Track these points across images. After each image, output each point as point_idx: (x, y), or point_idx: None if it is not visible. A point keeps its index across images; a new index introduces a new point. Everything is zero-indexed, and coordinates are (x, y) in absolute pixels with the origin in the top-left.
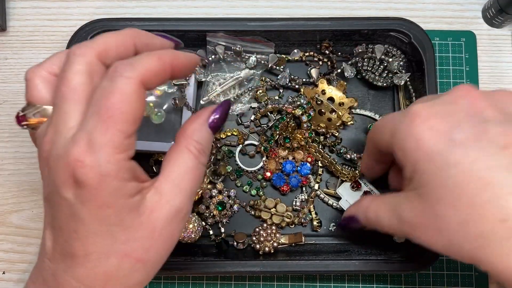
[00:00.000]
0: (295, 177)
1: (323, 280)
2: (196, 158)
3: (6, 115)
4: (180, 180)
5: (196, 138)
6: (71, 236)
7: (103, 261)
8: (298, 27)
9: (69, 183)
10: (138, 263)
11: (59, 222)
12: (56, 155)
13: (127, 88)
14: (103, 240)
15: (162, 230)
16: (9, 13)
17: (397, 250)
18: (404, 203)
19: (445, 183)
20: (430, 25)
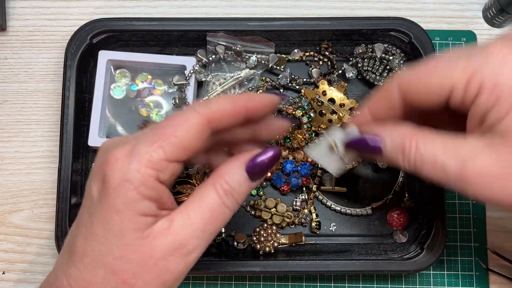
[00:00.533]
0: (295, 177)
1: (324, 280)
2: (220, 198)
3: (6, 115)
4: (195, 215)
5: (226, 178)
6: (80, 231)
7: (92, 268)
8: (298, 27)
9: (99, 177)
10: (123, 285)
11: (79, 215)
12: (106, 150)
13: (191, 118)
14: (100, 246)
15: (158, 260)
16: (9, 13)
17: (398, 250)
18: (478, 149)
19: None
20: (430, 25)
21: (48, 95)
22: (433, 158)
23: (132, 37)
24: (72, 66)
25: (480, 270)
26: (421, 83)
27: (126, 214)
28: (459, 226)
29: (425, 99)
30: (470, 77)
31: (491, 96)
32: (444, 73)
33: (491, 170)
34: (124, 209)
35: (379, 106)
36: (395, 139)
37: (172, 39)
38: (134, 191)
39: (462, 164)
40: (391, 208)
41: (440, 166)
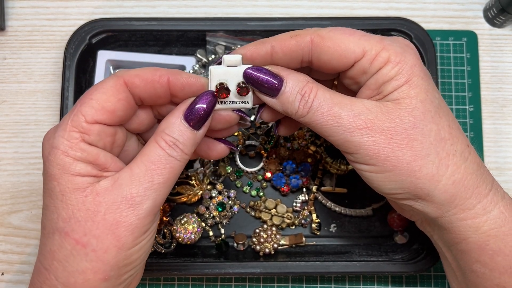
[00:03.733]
0: (295, 177)
1: (324, 281)
2: (163, 150)
3: (5, 116)
4: (139, 170)
5: (166, 131)
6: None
7: (50, 237)
8: (299, 27)
9: (43, 155)
10: (77, 245)
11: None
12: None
13: (107, 82)
14: (51, 214)
15: (105, 215)
16: (8, 13)
17: (398, 251)
18: (372, 105)
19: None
20: (431, 25)
21: (47, 96)
22: (330, 105)
23: (131, 37)
24: (71, 66)
25: None
26: (337, 44)
27: (63, 178)
28: None
29: (335, 60)
30: (381, 50)
31: (394, 69)
32: (361, 40)
33: (380, 124)
34: (59, 173)
35: (285, 51)
36: (297, 82)
37: (171, 39)
38: (63, 155)
39: (355, 116)
40: (391, 209)
41: (335, 114)
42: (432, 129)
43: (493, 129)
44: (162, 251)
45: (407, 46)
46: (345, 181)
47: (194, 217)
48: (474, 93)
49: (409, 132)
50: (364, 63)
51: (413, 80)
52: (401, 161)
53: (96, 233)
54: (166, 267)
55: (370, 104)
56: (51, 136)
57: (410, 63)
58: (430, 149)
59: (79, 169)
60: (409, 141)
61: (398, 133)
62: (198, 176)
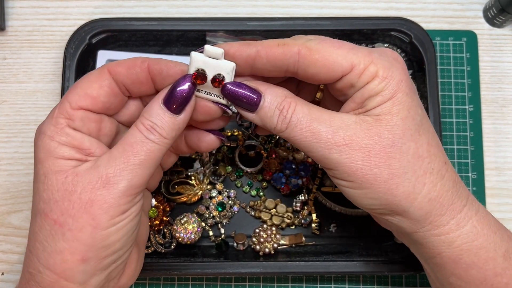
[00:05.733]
0: (295, 177)
1: (324, 281)
2: (141, 133)
3: (5, 116)
4: (117, 152)
5: (145, 115)
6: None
7: (33, 219)
8: (298, 27)
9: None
10: (55, 225)
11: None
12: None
13: (93, 71)
14: (35, 196)
15: (81, 194)
16: (8, 13)
17: (398, 251)
18: (351, 122)
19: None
20: (431, 25)
21: (47, 96)
22: (308, 121)
23: (131, 37)
24: (71, 66)
25: None
26: (323, 55)
27: (47, 160)
28: None
29: (322, 74)
30: (369, 64)
31: (381, 84)
32: (349, 54)
33: (359, 141)
34: (44, 157)
35: (270, 58)
36: (276, 97)
37: (171, 39)
38: (49, 140)
39: (334, 132)
40: None
41: (314, 130)
42: (410, 147)
43: (493, 129)
44: (162, 251)
45: (395, 60)
46: None
47: (194, 217)
48: (474, 93)
49: (387, 150)
50: (351, 77)
51: (397, 96)
52: (378, 179)
53: (72, 212)
54: (166, 267)
55: (350, 120)
56: (41, 124)
57: (397, 78)
58: (408, 167)
59: (63, 153)
60: (387, 159)
61: (376, 150)
62: (198, 176)
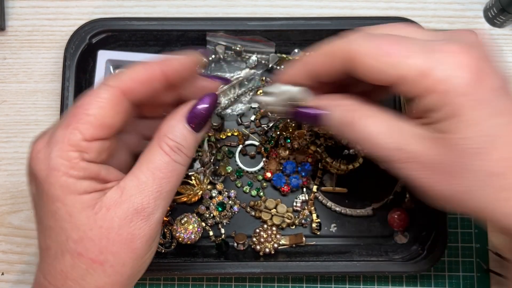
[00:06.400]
0: (295, 177)
1: (324, 281)
2: (168, 155)
3: (5, 116)
4: (146, 178)
5: (170, 135)
6: (38, 229)
7: (59, 257)
8: (299, 27)
9: (31, 175)
10: (94, 264)
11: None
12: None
13: (102, 94)
14: (57, 236)
15: (119, 230)
16: (8, 13)
17: (399, 251)
18: (418, 137)
19: (486, 133)
20: (431, 25)
21: (47, 95)
22: (375, 136)
23: (131, 37)
24: (71, 66)
25: (481, 271)
26: (371, 63)
27: (67, 198)
28: (460, 227)
29: (369, 78)
30: (423, 75)
31: (439, 100)
32: (398, 63)
33: (425, 159)
34: (62, 194)
35: (322, 66)
36: (342, 113)
37: (171, 39)
38: (64, 177)
39: (399, 147)
40: (391, 209)
41: (381, 145)
42: (482, 166)
43: None
44: (162, 251)
45: (465, 64)
46: (345, 181)
47: (194, 217)
48: None
49: (454, 170)
50: (404, 87)
51: (463, 113)
52: (449, 196)
53: (112, 250)
54: (166, 267)
55: (415, 133)
56: (45, 156)
57: (461, 91)
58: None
59: (84, 187)
60: (453, 179)
61: (442, 171)
62: (198, 176)
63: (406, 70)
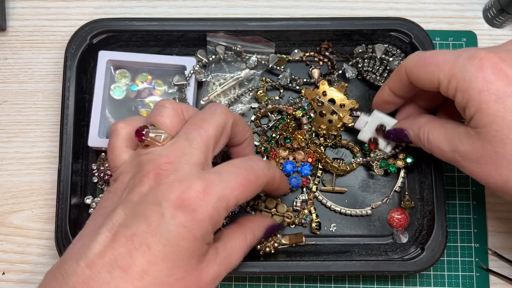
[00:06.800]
0: (295, 177)
1: (324, 281)
2: (248, 248)
3: (5, 116)
4: (230, 253)
5: (255, 233)
6: (140, 250)
7: (152, 286)
8: (299, 27)
9: (175, 203)
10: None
11: (135, 231)
12: (176, 176)
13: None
14: (166, 268)
15: (204, 285)
16: (9, 13)
17: (398, 251)
18: (463, 136)
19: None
20: (430, 25)
21: (48, 96)
22: (436, 144)
23: (132, 37)
24: (72, 66)
25: (480, 271)
26: (417, 73)
27: (199, 244)
28: (460, 227)
29: (422, 86)
30: (450, 78)
31: (464, 98)
32: (433, 70)
33: (470, 154)
34: (200, 239)
35: (395, 84)
36: (415, 131)
37: (172, 39)
38: (210, 226)
39: (452, 148)
40: (391, 209)
41: (440, 149)
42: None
43: None
44: None
45: (479, 66)
46: (345, 181)
47: None
48: None
49: (494, 161)
50: (443, 91)
51: (482, 108)
52: (498, 186)
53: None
54: None
55: (461, 133)
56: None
57: (477, 88)
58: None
59: (210, 240)
60: (497, 169)
61: (485, 162)
62: None
63: (442, 75)
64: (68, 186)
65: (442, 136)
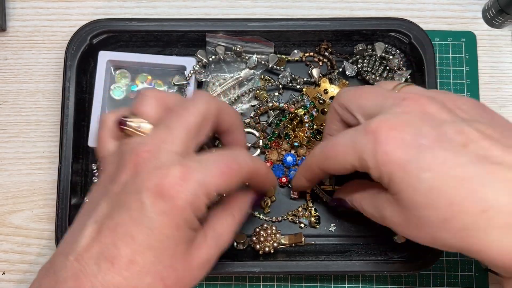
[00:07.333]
0: (294, 170)
1: (323, 281)
2: (237, 225)
3: (6, 116)
4: (220, 235)
5: (241, 208)
6: (124, 240)
7: (141, 276)
8: (298, 28)
9: (154, 191)
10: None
11: (118, 222)
12: (155, 164)
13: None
14: (153, 257)
15: (194, 270)
16: (9, 14)
17: (398, 251)
18: (386, 203)
19: (421, 188)
20: (430, 26)
21: (48, 96)
22: (369, 212)
23: (132, 37)
24: (72, 66)
25: (479, 271)
26: (330, 165)
27: (184, 230)
28: None
29: (338, 173)
30: (359, 161)
31: (376, 173)
32: (342, 160)
33: (395, 220)
34: (183, 226)
35: (308, 175)
36: (351, 201)
37: (172, 40)
38: (192, 213)
39: (381, 216)
40: None
41: (374, 218)
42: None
43: None
44: None
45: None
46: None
47: None
48: (473, 94)
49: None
50: (359, 169)
51: (392, 178)
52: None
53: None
54: None
55: (383, 200)
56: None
57: (381, 162)
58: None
59: (195, 226)
60: (420, 228)
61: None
62: None
63: (350, 161)
64: (68, 186)
65: (371, 205)
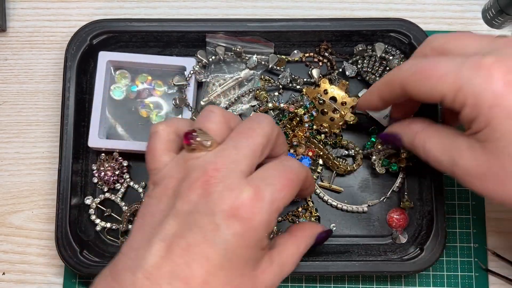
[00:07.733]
0: None
1: (323, 281)
2: (300, 256)
3: (6, 116)
4: (284, 263)
5: (307, 242)
6: (198, 261)
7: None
8: (298, 28)
9: (229, 213)
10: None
11: (190, 242)
12: (225, 185)
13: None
14: (224, 277)
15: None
16: (9, 14)
17: (398, 251)
18: (464, 149)
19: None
20: (430, 26)
21: (48, 96)
22: (434, 155)
23: (132, 38)
24: (72, 67)
25: (479, 271)
26: (415, 87)
27: (254, 250)
28: (459, 227)
29: (421, 99)
30: (456, 92)
31: (473, 112)
32: (435, 84)
33: (472, 169)
34: (255, 246)
35: (385, 93)
36: (409, 137)
37: (171, 40)
38: (265, 232)
39: (452, 162)
40: (390, 209)
41: (438, 162)
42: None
43: None
44: None
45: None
46: (344, 181)
47: None
48: None
49: (499, 179)
50: (446, 104)
51: (493, 123)
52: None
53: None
54: None
55: (463, 145)
56: (262, 208)
57: (487, 103)
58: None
59: (264, 245)
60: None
61: (489, 179)
62: None
63: (445, 88)
64: (68, 187)
65: (439, 147)
